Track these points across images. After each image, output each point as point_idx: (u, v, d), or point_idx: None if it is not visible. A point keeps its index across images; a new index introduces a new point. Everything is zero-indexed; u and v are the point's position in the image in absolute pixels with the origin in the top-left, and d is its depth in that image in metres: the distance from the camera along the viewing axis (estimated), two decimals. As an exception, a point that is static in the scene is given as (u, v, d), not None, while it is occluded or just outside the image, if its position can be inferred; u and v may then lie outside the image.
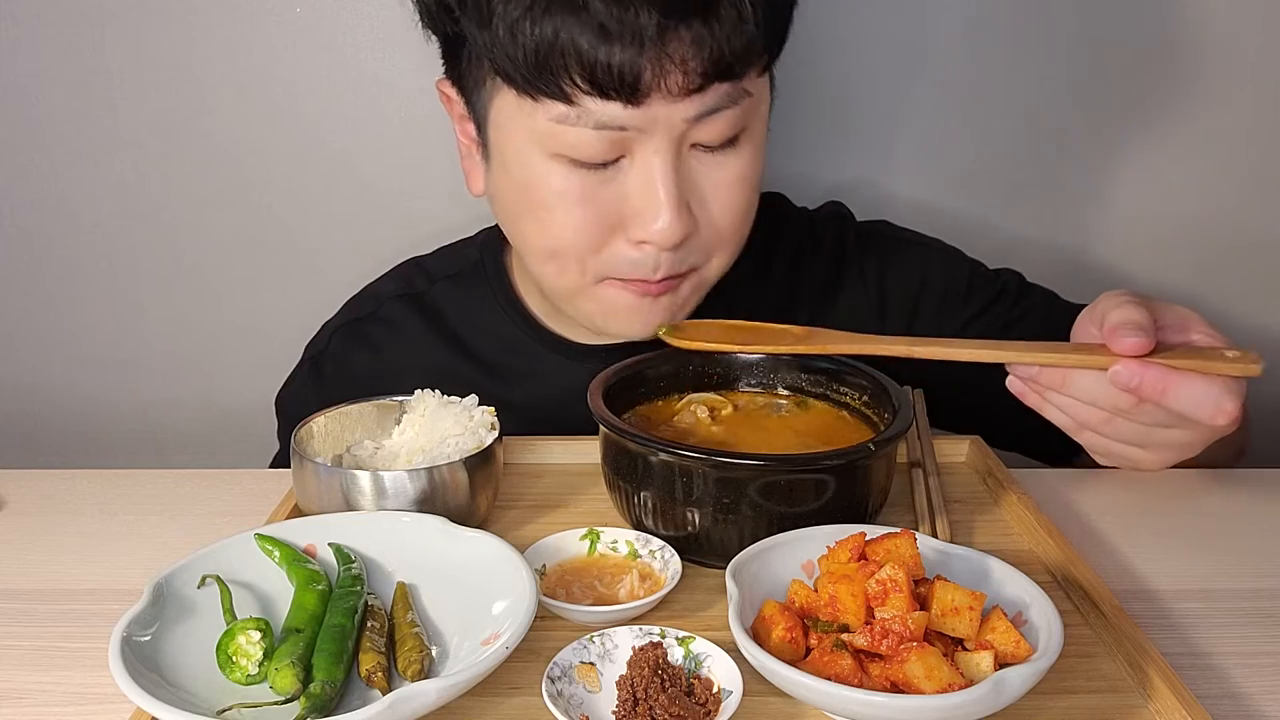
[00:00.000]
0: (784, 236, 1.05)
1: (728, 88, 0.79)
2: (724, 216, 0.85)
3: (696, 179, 0.83)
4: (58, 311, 1.37)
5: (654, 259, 0.84)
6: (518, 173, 0.83)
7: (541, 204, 0.83)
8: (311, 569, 0.67)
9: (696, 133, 0.80)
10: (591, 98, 0.76)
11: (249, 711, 0.56)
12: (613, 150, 0.80)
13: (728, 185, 0.84)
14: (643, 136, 0.79)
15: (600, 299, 0.89)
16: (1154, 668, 0.60)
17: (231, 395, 1.39)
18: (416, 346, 1.04)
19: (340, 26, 1.23)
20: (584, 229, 0.83)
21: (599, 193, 0.81)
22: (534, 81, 0.76)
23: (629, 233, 0.83)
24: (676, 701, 0.55)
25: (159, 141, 1.28)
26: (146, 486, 0.92)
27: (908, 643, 0.56)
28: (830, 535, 0.67)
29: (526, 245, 0.89)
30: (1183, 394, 0.69)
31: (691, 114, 0.78)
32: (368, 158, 1.29)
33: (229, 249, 1.33)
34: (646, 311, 0.89)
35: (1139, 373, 0.69)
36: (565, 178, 0.81)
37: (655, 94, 0.76)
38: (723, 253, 0.89)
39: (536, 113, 0.79)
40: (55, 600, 0.74)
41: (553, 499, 0.85)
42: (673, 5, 0.73)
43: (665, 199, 0.80)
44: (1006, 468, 0.87)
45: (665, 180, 0.80)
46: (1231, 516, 0.85)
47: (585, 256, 0.85)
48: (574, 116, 0.77)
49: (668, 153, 0.79)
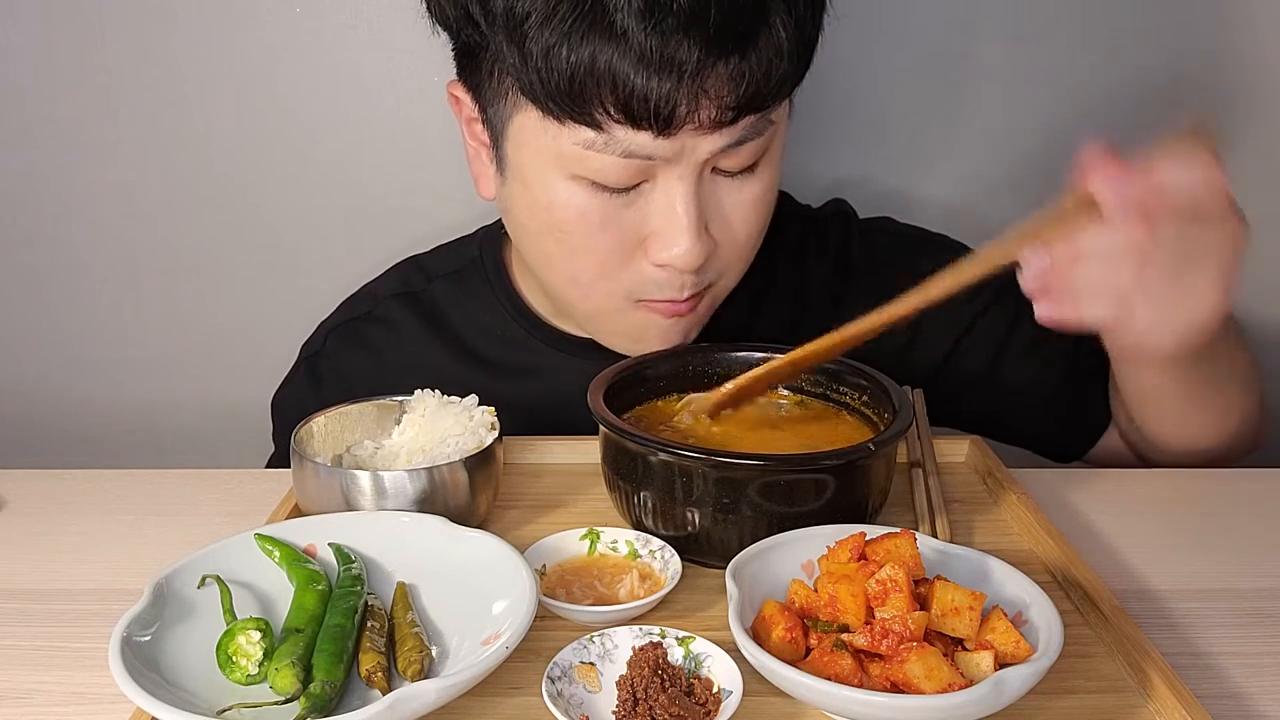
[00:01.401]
0: (788, 236, 1.05)
1: (755, 119, 0.79)
2: (741, 235, 0.86)
3: (716, 201, 0.83)
4: (57, 312, 1.37)
5: (679, 280, 0.84)
6: (539, 192, 0.82)
7: (561, 225, 0.83)
8: (311, 569, 0.67)
9: (720, 160, 0.80)
10: (622, 127, 0.76)
11: (249, 711, 0.56)
12: (636, 176, 0.79)
13: (745, 206, 0.84)
14: (668, 164, 0.79)
15: (631, 323, 0.89)
16: (1154, 668, 0.60)
17: (231, 395, 1.39)
18: (414, 346, 1.03)
19: (339, 27, 1.23)
20: (605, 251, 0.83)
21: (620, 216, 0.81)
22: (565, 106, 0.75)
23: (650, 254, 0.83)
24: (676, 701, 0.55)
25: (158, 142, 1.28)
26: (146, 486, 0.92)
27: (908, 643, 0.56)
28: (830, 535, 0.67)
29: (550, 266, 0.88)
30: (1167, 170, 0.65)
31: (720, 145, 0.78)
32: (367, 158, 1.29)
33: (229, 249, 1.33)
34: (669, 329, 0.90)
35: (1117, 177, 0.65)
36: (587, 201, 0.80)
37: (687, 126, 0.76)
38: (738, 266, 0.89)
39: (561, 135, 0.78)
40: (55, 600, 0.74)
41: (553, 499, 0.85)
42: (714, 39, 0.72)
43: (686, 224, 0.80)
44: (1006, 468, 0.87)
45: (687, 206, 0.80)
46: (1231, 516, 0.85)
47: (608, 278, 0.85)
48: (601, 143, 0.77)
49: (690, 179, 0.79)
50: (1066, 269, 0.67)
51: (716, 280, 0.88)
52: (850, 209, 1.10)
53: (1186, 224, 0.66)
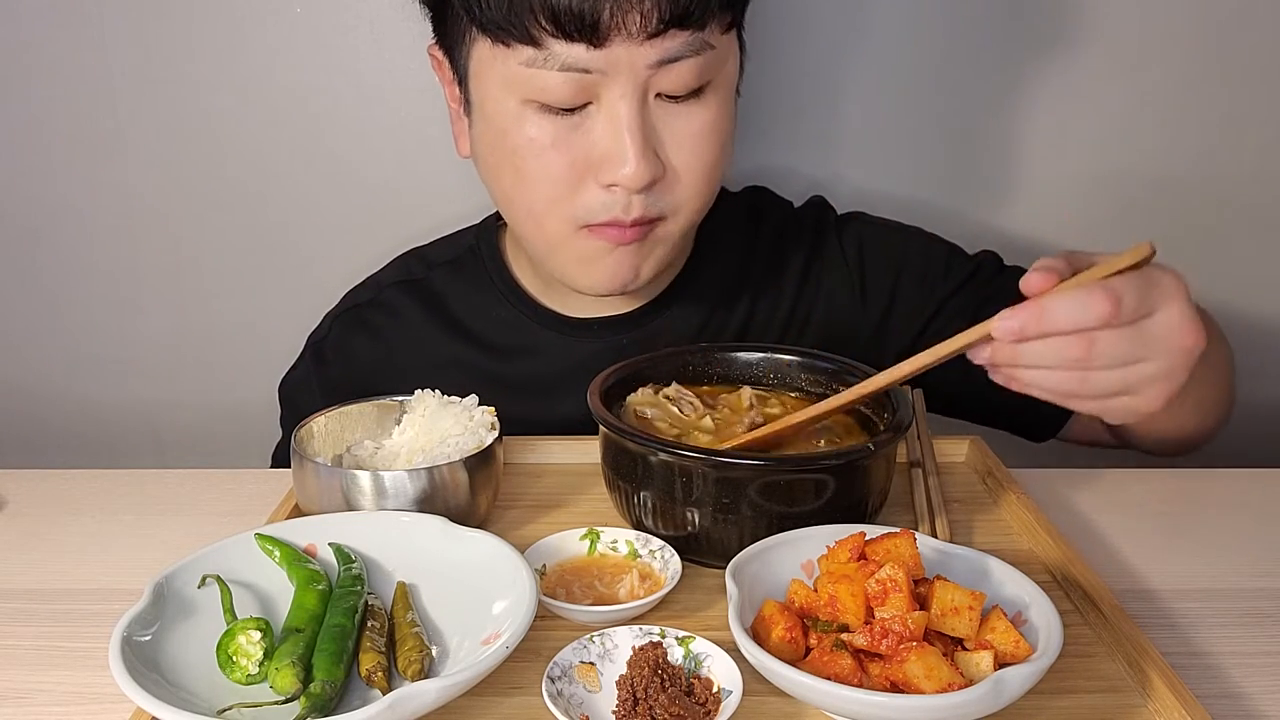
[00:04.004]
0: (767, 223, 1.08)
1: (688, 36, 0.82)
2: (690, 165, 0.88)
3: (662, 127, 0.86)
4: (58, 311, 1.37)
5: (625, 200, 0.86)
6: (495, 120, 0.87)
7: (516, 150, 0.86)
8: (312, 569, 0.67)
9: (660, 80, 0.83)
10: (557, 40, 0.80)
11: (249, 711, 0.56)
12: (580, 95, 0.83)
13: (693, 135, 0.87)
14: (608, 80, 0.82)
15: (577, 249, 0.91)
16: (1153, 667, 0.60)
17: (231, 395, 1.39)
18: (416, 331, 1.06)
19: (339, 27, 1.23)
20: (556, 173, 0.86)
21: (569, 138, 0.85)
22: (504, 26, 0.81)
23: (599, 177, 0.86)
24: (676, 701, 0.55)
25: (159, 141, 1.28)
26: (146, 486, 0.92)
27: (907, 642, 0.56)
28: (830, 535, 0.67)
29: (507, 197, 0.92)
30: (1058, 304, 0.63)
31: (654, 59, 0.81)
32: (367, 158, 1.29)
33: (229, 249, 1.33)
34: (616, 260, 0.91)
35: (1014, 314, 0.64)
36: (537, 124, 0.84)
37: (616, 36, 0.79)
38: (690, 205, 0.91)
39: (509, 58, 0.83)
40: (55, 600, 0.74)
41: (553, 499, 0.86)
42: None
43: (630, 142, 0.83)
44: (1006, 467, 0.88)
45: (630, 124, 0.83)
46: (1231, 516, 0.85)
47: (560, 203, 0.87)
48: (541, 59, 0.81)
49: (633, 98, 0.83)
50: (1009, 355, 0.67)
51: (669, 215, 0.90)
52: (829, 204, 1.12)
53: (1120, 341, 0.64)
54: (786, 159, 1.28)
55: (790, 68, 1.24)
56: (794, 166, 1.29)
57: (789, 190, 1.14)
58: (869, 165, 1.30)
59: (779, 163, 1.28)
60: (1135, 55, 1.24)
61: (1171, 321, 0.65)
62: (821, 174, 1.29)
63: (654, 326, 1.02)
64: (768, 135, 1.27)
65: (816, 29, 1.23)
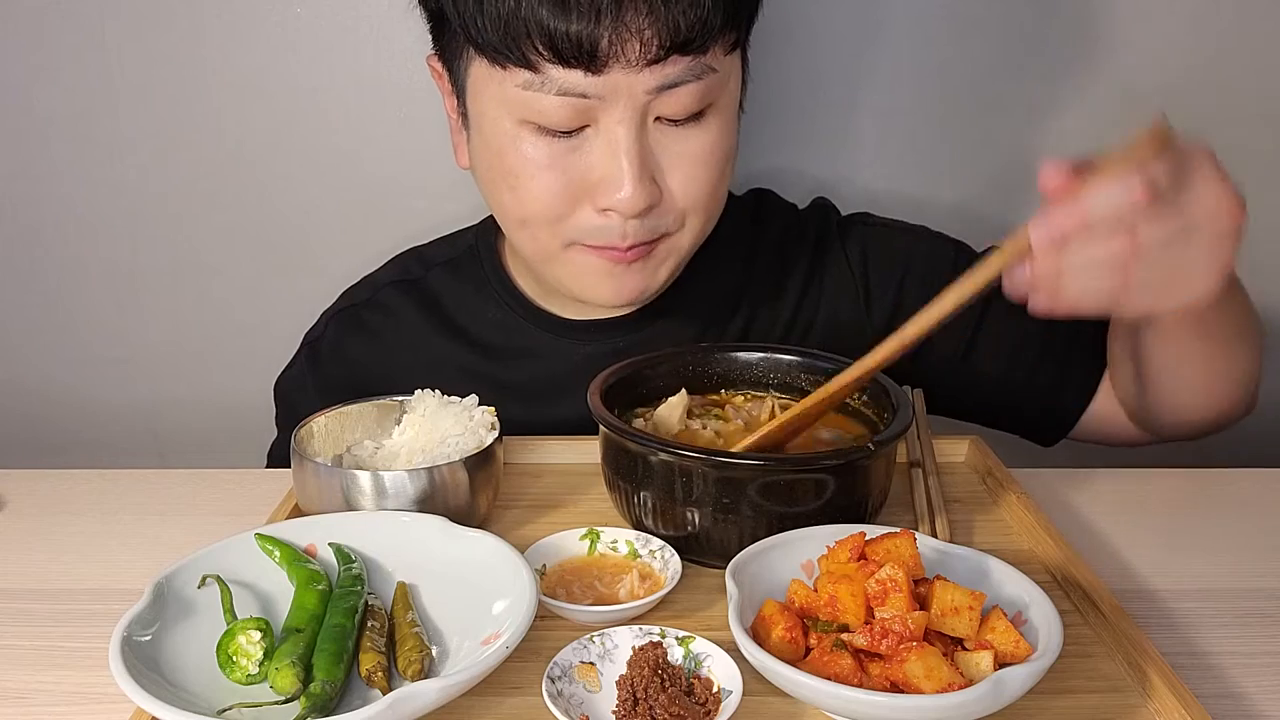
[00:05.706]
0: (770, 226, 1.07)
1: (689, 61, 0.80)
2: (689, 189, 0.87)
3: (661, 151, 0.85)
4: (58, 311, 1.37)
5: (620, 226, 0.85)
6: (492, 139, 0.86)
7: (512, 170, 0.86)
8: (312, 569, 0.67)
9: (659, 105, 0.82)
10: (555, 65, 0.79)
11: (249, 711, 0.56)
12: (578, 118, 0.82)
13: (692, 159, 0.86)
14: (606, 105, 0.81)
15: (571, 263, 0.90)
16: (1153, 667, 0.60)
17: (231, 395, 1.39)
18: (411, 330, 1.06)
19: (340, 27, 1.23)
20: (552, 195, 0.85)
21: (566, 160, 0.84)
22: (501, 50, 0.80)
23: (595, 200, 0.85)
24: (676, 701, 0.55)
25: (160, 141, 1.28)
26: (146, 486, 0.92)
27: (907, 642, 0.56)
28: (830, 535, 0.67)
29: (503, 212, 0.91)
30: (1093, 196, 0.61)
31: (652, 85, 0.80)
32: (367, 158, 1.29)
33: (229, 249, 1.33)
34: (619, 277, 0.90)
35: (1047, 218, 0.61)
36: (534, 145, 0.84)
37: (615, 63, 0.78)
38: (695, 221, 0.90)
39: (506, 80, 0.82)
40: (55, 600, 0.74)
41: (553, 499, 0.85)
42: None
43: (628, 168, 0.82)
44: (1006, 467, 0.87)
45: (628, 150, 0.82)
46: (1231, 516, 0.85)
47: (554, 222, 0.87)
48: (539, 83, 0.80)
49: (631, 123, 0.82)
50: (1052, 266, 0.64)
51: (674, 230, 0.89)
52: (832, 205, 1.12)
53: (1162, 221, 0.63)
54: (796, 159, 1.28)
55: (801, 69, 1.24)
56: (804, 167, 1.28)
57: (799, 190, 1.13)
58: (879, 165, 1.29)
59: (789, 163, 1.28)
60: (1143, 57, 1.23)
61: (1211, 192, 0.63)
62: (831, 174, 1.29)
63: (652, 331, 1.02)
64: (778, 136, 1.27)
65: (826, 30, 1.23)
